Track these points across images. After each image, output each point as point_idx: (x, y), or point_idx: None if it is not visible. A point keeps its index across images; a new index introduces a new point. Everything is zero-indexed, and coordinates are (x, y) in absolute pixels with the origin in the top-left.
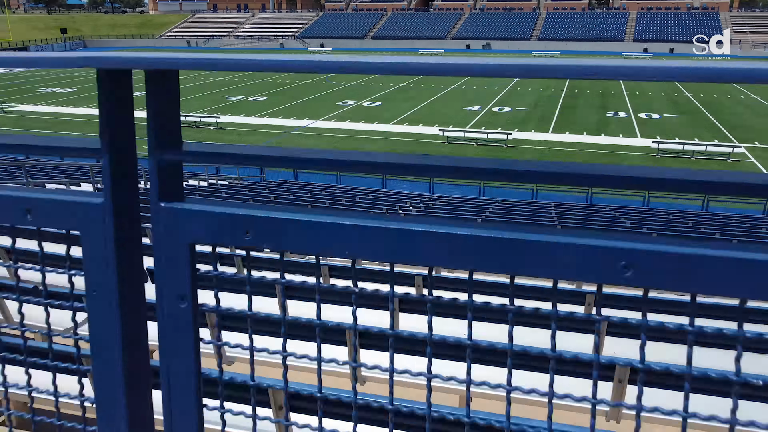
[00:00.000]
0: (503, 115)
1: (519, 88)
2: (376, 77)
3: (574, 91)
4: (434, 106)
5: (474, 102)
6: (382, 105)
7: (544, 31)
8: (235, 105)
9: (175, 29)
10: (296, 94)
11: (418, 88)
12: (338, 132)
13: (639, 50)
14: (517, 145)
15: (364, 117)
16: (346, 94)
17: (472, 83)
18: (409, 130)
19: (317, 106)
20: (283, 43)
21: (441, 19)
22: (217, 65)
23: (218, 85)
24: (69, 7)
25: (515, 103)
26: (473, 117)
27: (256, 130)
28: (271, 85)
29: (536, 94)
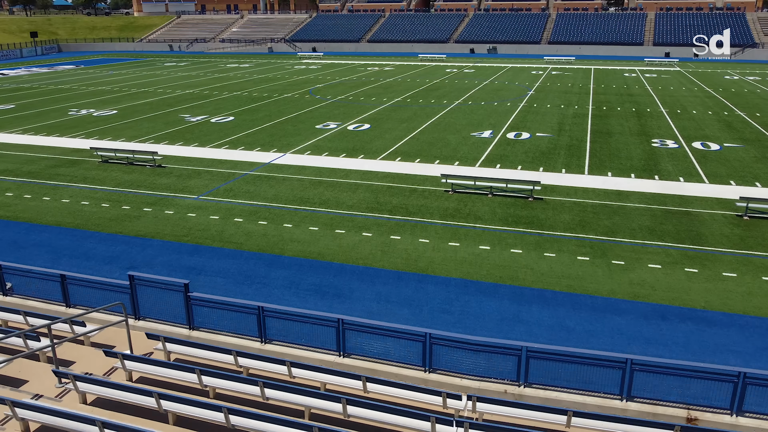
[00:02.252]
0: (521, 144)
1: (536, 104)
2: (368, 86)
3: (601, 107)
4: (435, 131)
5: (484, 124)
6: (371, 129)
7: (555, 34)
8: (192, 129)
9: (159, 32)
10: (270, 113)
11: (416, 105)
12: (308, 173)
13: (660, 55)
14: (547, 195)
15: (347, 147)
16: (330, 112)
17: (480, 97)
18: (401, 168)
19: (292, 131)
20: (272, 47)
21: (442, 21)
22: None
23: (183, 100)
24: (54, 8)
25: (535, 127)
26: (484, 147)
27: (205, 169)
28: (244, 101)
29: (557, 112)
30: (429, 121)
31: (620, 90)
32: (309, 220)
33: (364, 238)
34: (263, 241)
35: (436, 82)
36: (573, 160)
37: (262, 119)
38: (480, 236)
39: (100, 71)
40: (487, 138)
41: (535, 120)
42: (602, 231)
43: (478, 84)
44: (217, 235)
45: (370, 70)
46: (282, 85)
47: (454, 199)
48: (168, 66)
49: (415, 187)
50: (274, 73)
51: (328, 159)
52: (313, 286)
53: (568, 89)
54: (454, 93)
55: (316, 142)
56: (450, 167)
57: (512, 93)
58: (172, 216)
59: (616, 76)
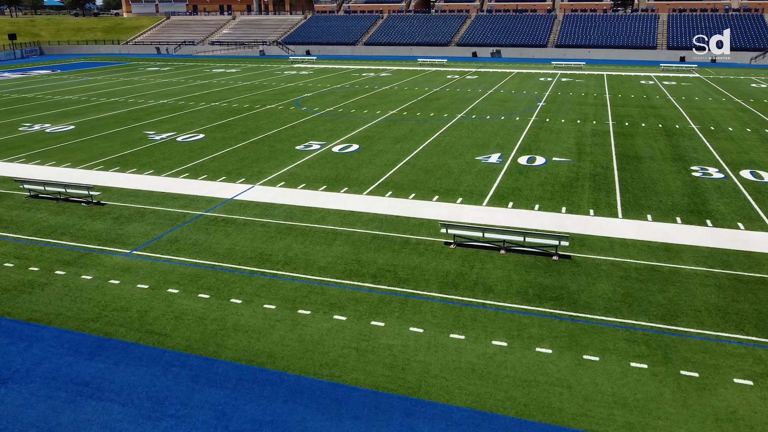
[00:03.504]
0: (536, 172)
1: (548, 118)
2: (361, 96)
3: (623, 123)
4: (434, 154)
5: (490, 145)
6: (359, 151)
7: (562, 36)
8: (152, 150)
9: (146, 34)
10: (247, 130)
11: (412, 119)
12: (277, 214)
13: (675, 59)
14: (575, 251)
15: (329, 177)
16: (315, 128)
17: (485, 109)
18: (391, 208)
19: (267, 153)
20: (264, 50)
21: (443, 23)
22: None
23: (154, 112)
24: (45, 8)
25: (550, 148)
26: (492, 177)
27: (151, 208)
28: (221, 114)
29: (574, 129)
30: (427, 141)
31: (640, 101)
32: (266, 292)
33: (335, 324)
34: (197, 329)
35: (436, 90)
36: (601, 196)
37: (236, 138)
38: (492, 321)
39: (75, 77)
40: (495, 164)
41: (549, 139)
42: (657, 313)
43: (482, 93)
44: (137, 320)
45: (365, 76)
46: (267, 94)
47: (457, 256)
48: (150, 71)
49: (407, 236)
50: (262, 79)
51: (304, 193)
52: (249, 427)
53: (582, 100)
54: (455, 104)
55: (293, 169)
56: (451, 207)
57: (520, 104)
58: (88, 284)
59: (632, 84)
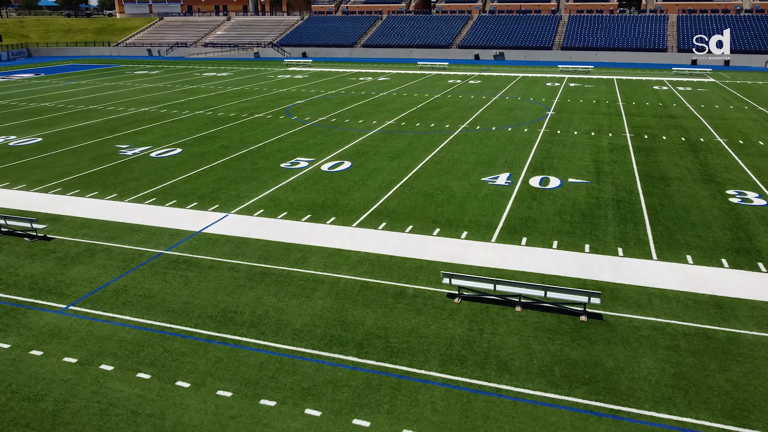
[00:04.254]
0: (551, 197)
1: (559, 130)
2: (356, 103)
3: (641, 135)
4: (435, 173)
5: (497, 162)
6: (351, 170)
7: (568, 38)
8: (120, 168)
9: (138, 35)
10: (230, 143)
11: (411, 130)
12: (250, 253)
13: (687, 62)
14: (607, 307)
15: (315, 203)
16: (305, 141)
17: (490, 119)
18: (385, 245)
19: (249, 172)
20: (259, 52)
21: (444, 24)
22: None
23: (131, 122)
24: (38, 8)
25: (564, 167)
26: (500, 203)
27: (105, 244)
28: (204, 124)
29: (588, 142)
30: (427, 157)
31: (656, 109)
32: (223, 370)
33: (306, 425)
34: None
35: (437, 97)
36: (629, 229)
37: (216, 153)
38: (510, 419)
39: (58, 81)
40: (503, 186)
41: (562, 155)
42: (721, 406)
43: (486, 100)
44: (51, 416)
45: (363, 80)
46: (256, 101)
47: (463, 314)
48: (137, 75)
49: (403, 285)
50: (253, 84)
51: (285, 225)
52: None
53: (594, 108)
54: (458, 113)
55: (275, 193)
56: (455, 244)
57: (528, 113)
58: (3, 357)
59: (644, 90)
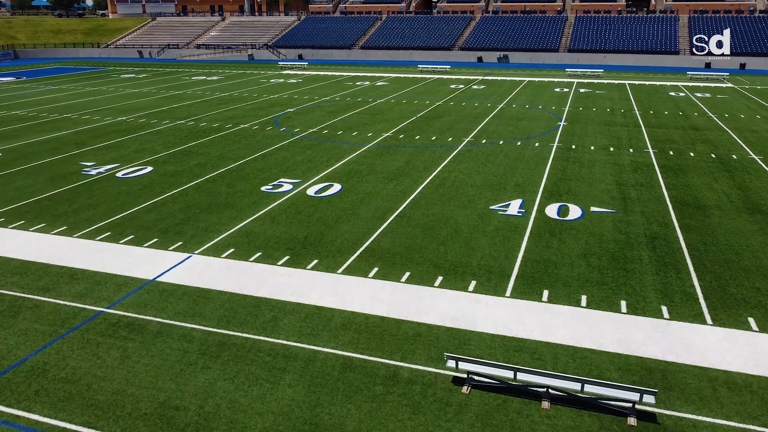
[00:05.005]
0: (572, 233)
1: (574, 145)
2: (352, 111)
3: (666, 151)
4: (437, 200)
5: (507, 185)
6: (341, 195)
7: (575, 40)
8: (78, 192)
9: (129, 36)
10: (207, 160)
11: (410, 144)
12: (208, 315)
13: (699, 65)
14: (662, 404)
15: (294, 240)
16: (291, 159)
17: (497, 131)
18: (374, 301)
19: (224, 198)
20: (253, 54)
21: (446, 25)
22: None
23: (104, 134)
24: (32, 8)
25: (584, 191)
26: (513, 240)
27: (35, 300)
28: (183, 136)
29: (608, 160)
30: (428, 178)
31: (677, 119)
32: None
33: None
34: None
35: (439, 104)
36: (670, 277)
37: (190, 172)
38: None
39: (38, 86)
40: (516, 217)
41: (580, 176)
42: None
43: (492, 108)
44: None
45: (360, 85)
46: (244, 109)
47: (474, 413)
48: (123, 79)
49: (396, 364)
50: (243, 89)
51: (257, 271)
52: None
53: (609, 118)
54: (461, 124)
55: (250, 225)
56: (460, 299)
57: (538, 124)
58: None
59: (661, 97)
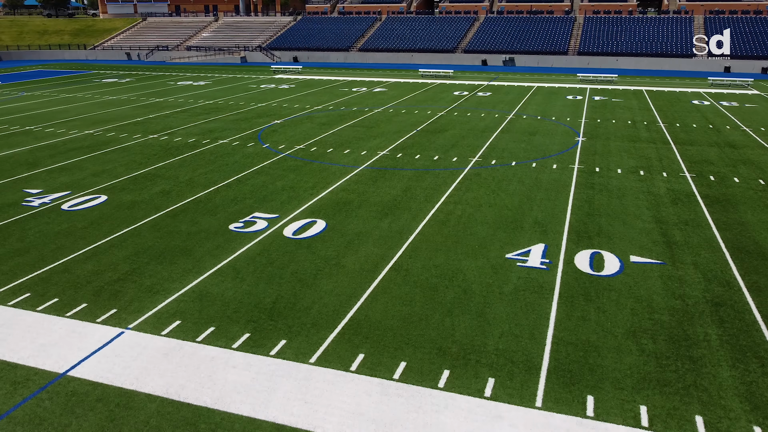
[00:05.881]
0: (614, 297)
1: (598, 167)
2: (345, 124)
3: (706, 176)
4: (440, 244)
5: (524, 223)
6: (323, 236)
7: (585, 42)
8: (11, 230)
9: (118, 37)
10: (172, 188)
11: (410, 166)
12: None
13: (719, 70)
14: None
15: (260, 306)
16: (271, 185)
17: (508, 149)
18: (358, 411)
19: (182, 240)
20: (246, 57)
21: (448, 26)
22: None
23: (64, 151)
24: (25, 8)
25: (618, 231)
26: (541, 311)
27: None
28: (152, 154)
29: (641, 188)
30: (430, 212)
31: (708, 134)
32: None
33: None
34: None
35: (442, 115)
36: (754, 374)
37: (150, 203)
38: None
39: (10, 92)
40: (539, 271)
41: (611, 210)
42: None
43: (500, 120)
44: None
45: (356, 92)
46: (227, 120)
47: None
48: (105, 84)
49: None
50: (230, 97)
51: (202, 358)
52: None
53: (632, 132)
54: (467, 139)
55: (207, 282)
56: (476, 408)
57: (553, 140)
58: None
59: (683, 106)
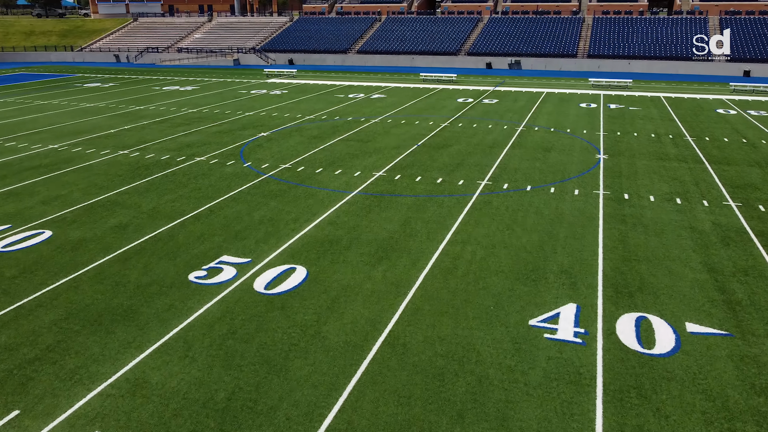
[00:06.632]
0: (675, 390)
1: (627, 193)
2: (339, 137)
3: (753, 204)
4: (446, 305)
5: (548, 273)
6: (301, 291)
7: (595, 44)
8: None
9: (108, 38)
10: (130, 222)
11: (409, 192)
12: None
13: (737, 74)
14: None
15: (210, 405)
16: (247, 217)
17: (521, 169)
18: None
19: (128, 299)
20: (239, 59)
21: (451, 27)
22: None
23: (16, 172)
24: (18, 8)
25: (664, 281)
26: (581, 416)
27: None
28: (117, 175)
29: (680, 220)
30: (433, 256)
31: (744, 150)
32: None
33: None
34: None
35: (445, 126)
36: None
37: (102, 241)
38: None
39: None
40: (572, 347)
41: (649, 253)
42: None
43: (510, 132)
44: None
45: (353, 98)
46: (209, 132)
47: None
48: (86, 89)
49: None
50: (216, 104)
51: None
52: None
53: (658, 148)
54: (473, 156)
55: (146, 365)
56: None
57: (570, 157)
58: None
59: (708, 116)
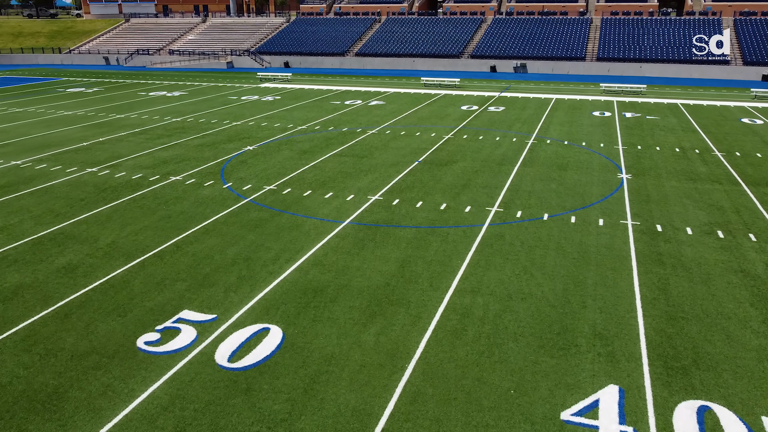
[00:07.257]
0: None
1: (660, 225)
2: (332, 151)
3: None
4: (453, 386)
5: (578, 335)
6: (271, 367)
7: (604, 47)
8: None
9: (98, 40)
10: (85, 259)
11: (407, 222)
12: None
13: (755, 78)
14: None
15: None
16: (217, 258)
17: (534, 191)
18: None
19: (56, 383)
20: (233, 62)
21: (453, 28)
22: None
23: None
24: (11, 8)
25: (719, 347)
26: None
27: None
28: (79, 200)
29: (728, 261)
30: (437, 312)
31: None
32: None
33: None
34: None
35: (449, 138)
36: None
37: (40, 290)
38: None
39: None
40: None
41: (696, 306)
42: None
43: (519, 145)
44: None
45: (350, 105)
46: (189, 146)
47: None
48: (67, 95)
49: None
50: (203, 112)
51: None
52: None
53: (687, 165)
54: (481, 176)
55: None
56: None
57: (590, 177)
58: None
59: (733, 126)
